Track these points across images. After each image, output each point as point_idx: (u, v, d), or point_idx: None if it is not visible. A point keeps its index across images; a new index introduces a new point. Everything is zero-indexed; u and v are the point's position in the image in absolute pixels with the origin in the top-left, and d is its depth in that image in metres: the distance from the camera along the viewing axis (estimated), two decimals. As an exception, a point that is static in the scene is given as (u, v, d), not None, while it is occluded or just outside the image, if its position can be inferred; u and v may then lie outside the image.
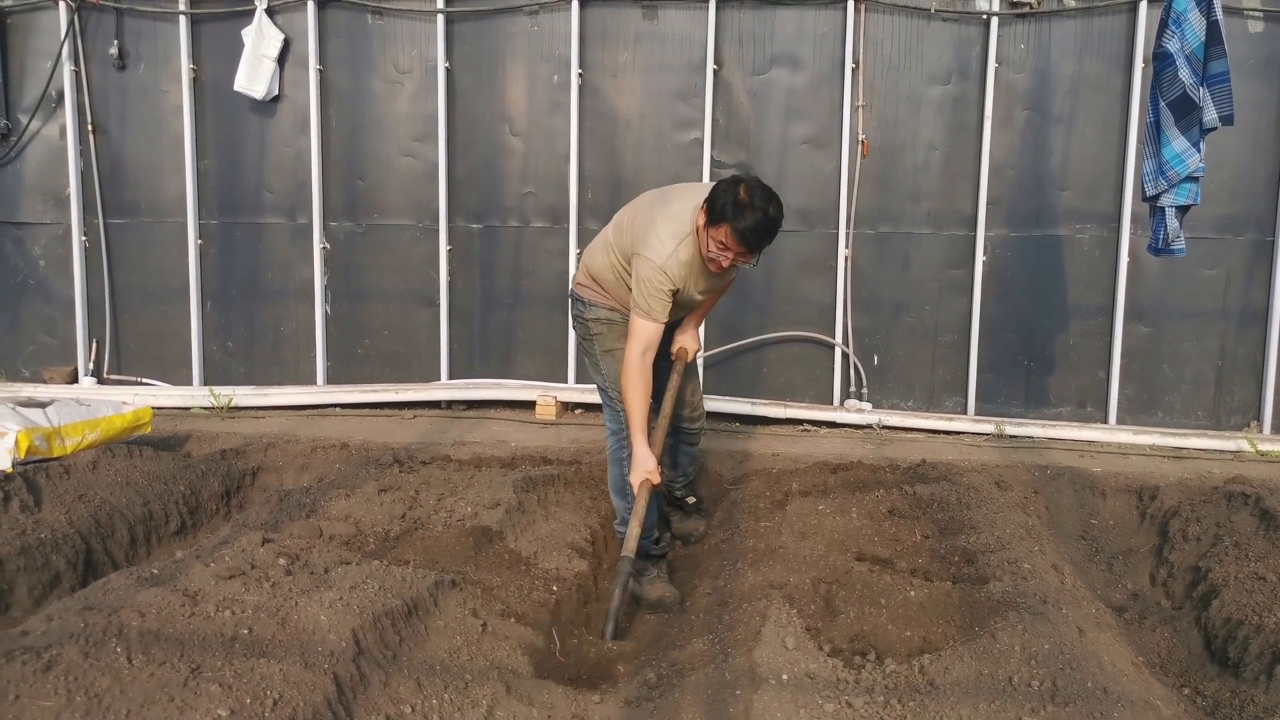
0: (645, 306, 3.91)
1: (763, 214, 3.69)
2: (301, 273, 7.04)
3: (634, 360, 3.95)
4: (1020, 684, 2.71)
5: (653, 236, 3.92)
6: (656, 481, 4.05)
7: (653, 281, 3.87)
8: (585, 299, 4.29)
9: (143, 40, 6.98)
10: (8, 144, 7.13)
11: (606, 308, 4.25)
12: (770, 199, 3.73)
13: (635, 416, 3.97)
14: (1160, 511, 4.92)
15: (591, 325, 4.29)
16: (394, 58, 6.83)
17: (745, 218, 3.67)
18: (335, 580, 3.36)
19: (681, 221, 3.92)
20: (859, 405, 6.60)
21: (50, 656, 2.65)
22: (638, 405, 3.96)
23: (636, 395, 3.95)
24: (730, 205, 3.69)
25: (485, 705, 3.01)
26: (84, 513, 4.47)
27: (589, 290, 4.29)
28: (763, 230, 3.72)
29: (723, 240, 3.75)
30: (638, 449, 4.01)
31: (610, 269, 4.17)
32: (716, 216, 3.73)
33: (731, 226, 3.69)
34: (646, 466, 4.00)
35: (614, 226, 4.23)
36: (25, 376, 7.33)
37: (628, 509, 4.26)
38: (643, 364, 3.96)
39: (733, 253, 3.78)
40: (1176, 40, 4.81)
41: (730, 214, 3.69)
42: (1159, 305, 6.42)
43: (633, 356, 3.95)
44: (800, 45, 6.52)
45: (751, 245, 3.75)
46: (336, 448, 5.74)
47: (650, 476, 4.01)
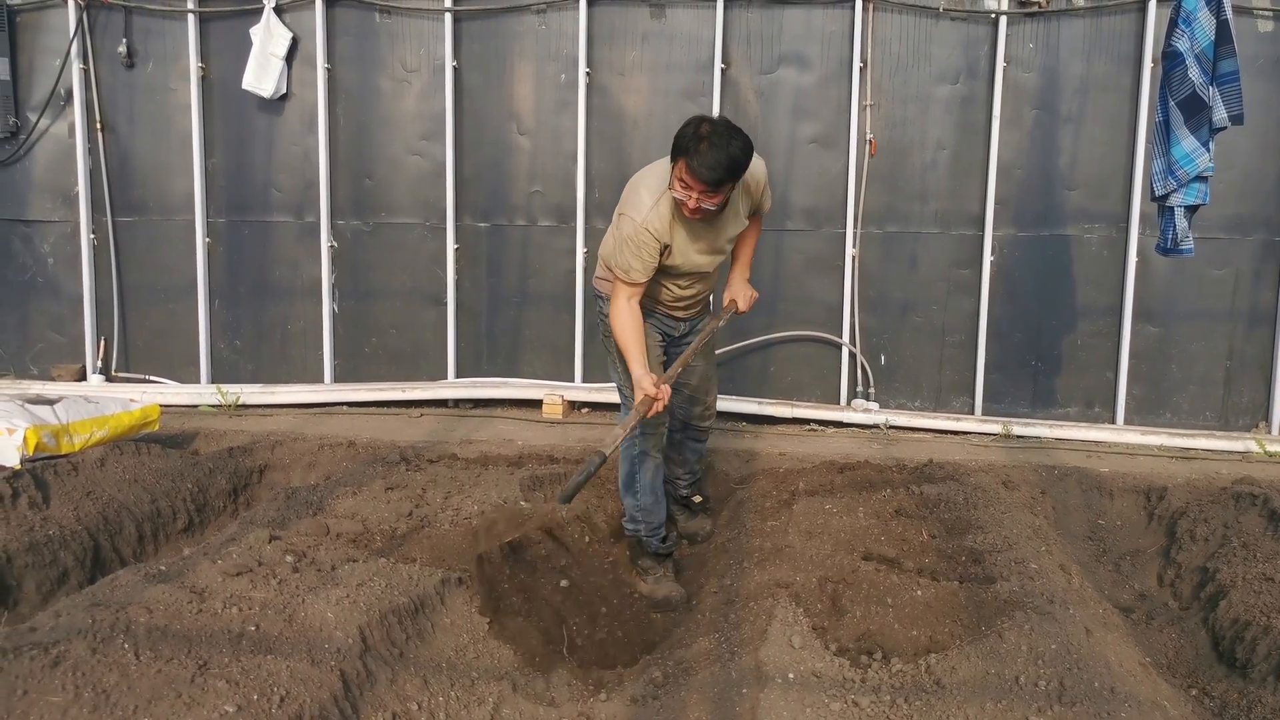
0: (624, 265, 3.88)
1: (720, 150, 3.58)
2: (309, 271, 7.05)
3: (619, 304, 3.93)
4: (1027, 684, 2.70)
5: (634, 195, 3.91)
6: (659, 397, 3.86)
7: (635, 240, 3.83)
8: (604, 294, 4.26)
9: (151, 39, 6.99)
10: (16, 142, 7.14)
11: None
12: (734, 134, 3.64)
13: (630, 346, 3.90)
14: (1168, 512, 4.91)
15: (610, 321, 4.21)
16: (402, 56, 6.83)
17: (701, 151, 3.58)
18: (342, 578, 3.37)
19: (661, 178, 3.87)
20: (866, 405, 6.59)
21: (58, 652, 2.66)
22: (630, 336, 3.90)
23: (628, 331, 3.90)
24: (690, 139, 3.61)
25: (491, 703, 3.03)
26: (92, 510, 4.48)
27: (606, 283, 4.23)
28: (719, 165, 3.59)
29: (683, 178, 3.66)
30: (636, 373, 3.88)
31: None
32: (677, 152, 3.67)
33: (687, 162, 3.61)
34: (644, 386, 3.86)
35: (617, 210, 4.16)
36: (34, 374, 7.34)
37: (637, 507, 4.30)
38: (630, 306, 3.94)
39: (695, 191, 3.67)
40: (1186, 39, 4.80)
41: (688, 148, 3.60)
42: (1167, 306, 6.40)
43: (618, 302, 3.94)
44: (808, 44, 6.51)
45: (707, 181, 3.62)
46: (344, 446, 5.75)
47: (651, 393, 3.84)
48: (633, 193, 3.94)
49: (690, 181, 3.64)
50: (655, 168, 3.97)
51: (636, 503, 4.33)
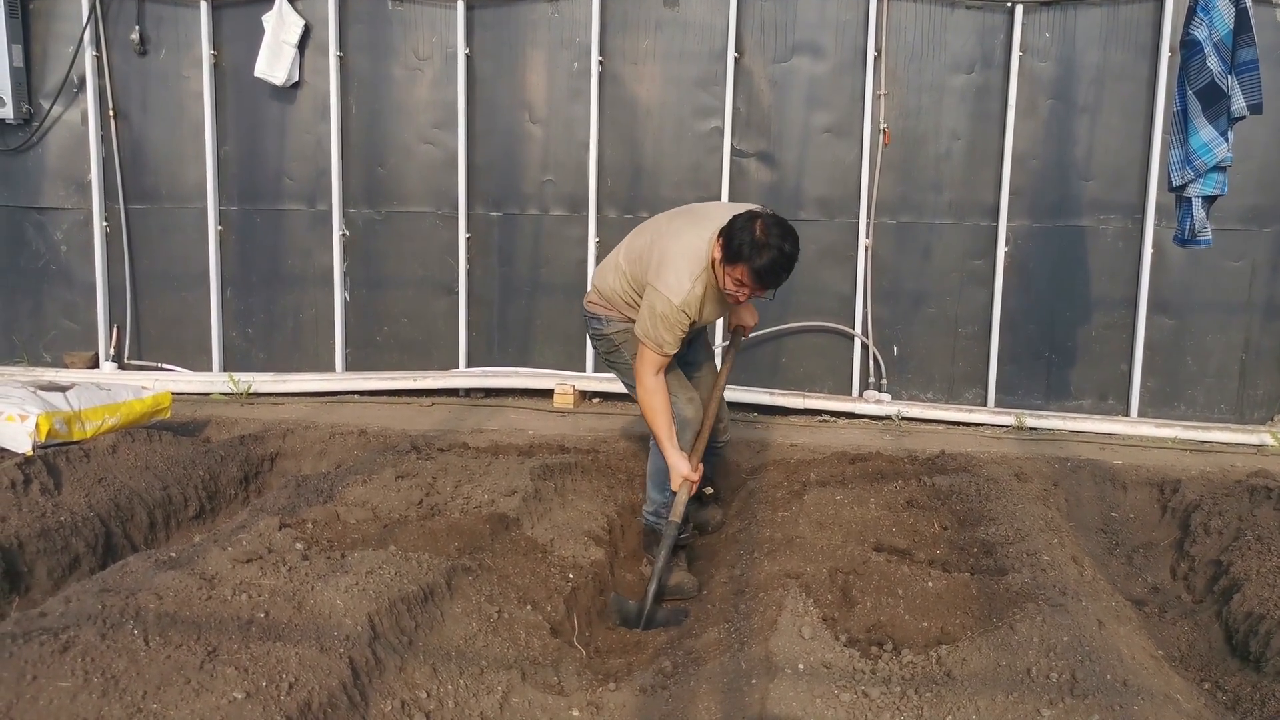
0: (656, 339, 3.96)
1: (779, 252, 3.72)
2: (321, 260, 7.05)
3: (649, 381, 4.04)
4: (1039, 676, 2.69)
5: (669, 272, 3.94)
6: (695, 481, 4.16)
7: (670, 319, 3.92)
8: (601, 315, 4.36)
9: (164, 26, 6.99)
10: (30, 129, 7.16)
11: (624, 321, 4.30)
12: (786, 235, 3.76)
13: (661, 431, 4.08)
14: (1182, 505, 4.88)
15: (614, 337, 4.35)
16: (414, 44, 6.81)
17: (762, 257, 3.71)
18: (352, 565, 3.36)
19: (698, 255, 3.94)
20: (878, 396, 6.57)
21: (68, 638, 2.66)
22: (662, 421, 4.07)
23: (658, 412, 4.06)
24: (748, 245, 3.72)
25: (500, 691, 3.01)
26: (103, 496, 4.49)
27: (602, 308, 4.35)
28: (780, 268, 3.76)
29: (740, 278, 3.80)
30: (672, 459, 4.11)
31: (622, 295, 4.24)
32: (734, 255, 3.76)
33: (749, 266, 3.74)
34: (682, 472, 4.12)
35: (626, 252, 4.26)
36: (47, 361, 7.37)
37: (664, 504, 4.35)
38: (657, 380, 4.06)
39: (749, 289, 3.85)
40: (1205, 28, 4.75)
41: (747, 253, 3.72)
42: (1183, 297, 6.36)
43: (646, 379, 4.04)
44: (822, 33, 6.47)
45: (769, 283, 3.81)
46: (355, 434, 5.75)
47: (690, 479, 4.13)
48: (666, 267, 3.96)
49: (747, 281, 3.81)
50: (688, 237, 4.01)
51: (663, 499, 4.35)
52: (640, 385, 4.07)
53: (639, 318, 4.03)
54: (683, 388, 4.30)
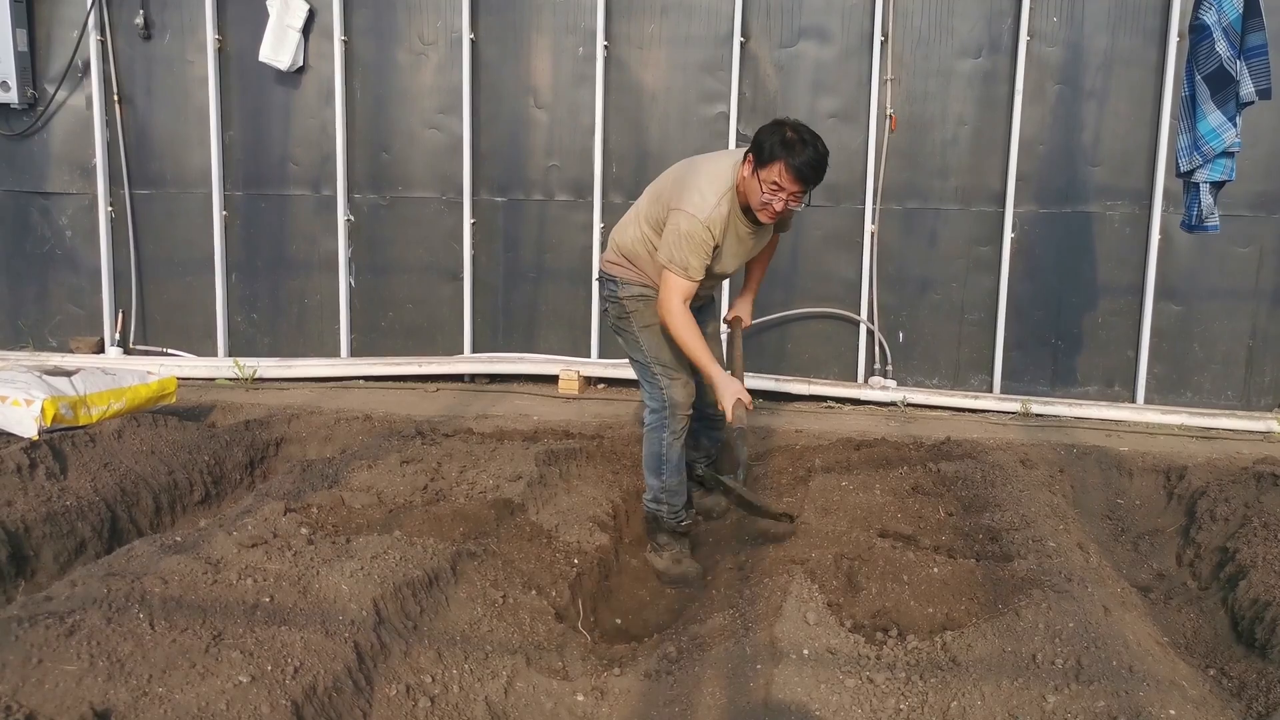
0: (683, 262, 3.86)
1: (814, 149, 3.70)
2: (326, 245, 7.04)
3: (675, 308, 3.91)
4: (1044, 662, 2.68)
5: (693, 192, 3.89)
6: (749, 403, 4.00)
7: (695, 236, 3.84)
8: (617, 277, 4.25)
9: (168, 10, 6.96)
10: (35, 114, 7.14)
11: (640, 284, 4.20)
12: (816, 137, 3.74)
13: (697, 351, 3.93)
14: (1188, 491, 4.88)
15: (627, 303, 4.24)
16: (419, 29, 6.79)
17: (798, 153, 3.67)
18: (357, 550, 3.37)
19: (724, 177, 3.90)
20: (883, 382, 6.55)
21: (73, 621, 2.67)
22: (696, 343, 3.92)
23: (690, 335, 3.91)
24: (780, 144, 3.68)
25: (505, 676, 3.02)
26: (109, 481, 4.50)
27: (620, 268, 4.24)
28: (816, 163, 3.72)
29: (776, 181, 3.72)
30: (716, 378, 3.97)
31: (643, 243, 4.13)
32: (767, 156, 3.71)
33: (786, 162, 3.67)
34: (734, 390, 3.97)
35: (648, 197, 4.19)
36: (53, 346, 7.37)
37: (663, 489, 4.30)
38: (684, 308, 3.93)
39: (786, 192, 3.74)
40: (1214, 12, 4.72)
41: (782, 151, 3.67)
42: (1190, 284, 6.33)
43: (673, 306, 3.91)
44: (829, 18, 6.44)
45: (807, 179, 3.73)
46: (359, 419, 5.75)
47: (740, 396, 3.96)
48: (690, 189, 3.92)
49: (787, 184, 3.71)
50: (713, 165, 3.99)
51: (662, 484, 4.30)
52: (668, 315, 3.93)
53: (662, 244, 3.95)
54: (680, 367, 4.21)
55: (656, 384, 4.23)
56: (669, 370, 4.18)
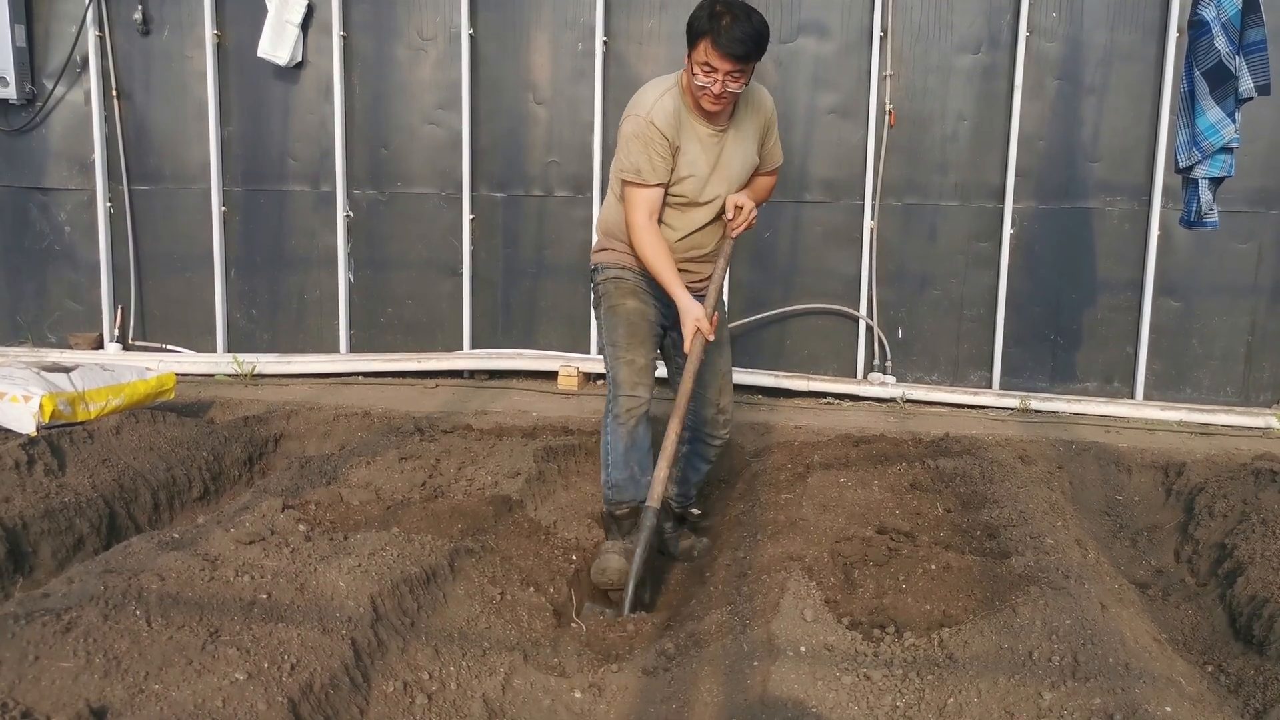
0: (633, 166, 3.66)
1: (746, 21, 3.45)
2: (325, 241, 7.04)
3: (640, 222, 3.70)
4: (1040, 659, 2.68)
5: (636, 97, 3.75)
6: (708, 333, 3.74)
7: (641, 134, 3.63)
8: (600, 263, 4.06)
9: (167, 5, 6.95)
10: (33, 109, 7.14)
11: (618, 267, 3.97)
12: (750, 11, 3.50)
13: (662, 268, 3.70)
14: (1186, 488, 4.88)
15: (601, 286, 4.02)
16: (418, 24, 6.78)
17: (725, 27, 3.43)
18: (354, 547, 3.37)
19: (667, 78, 3.75)
20: (883, 379, 6.55)
21: (70, 618, 2.67)
22: (660, 256, 3.70)
23: (656, 250, 3.70)
24: (705, 18, 3.47)
25: (503, 673, 3.02)
26: (107, 477, 4.49)
27: (604, 252, 4.04)
28: (746, 37, 3.44)
29: (706, 61, 3.48)
30: (680, 299, 3.73)
31: (614, 204, 3.95)
32: (695, 34, 3.50)
33: (712, 39, 3.44)
34: (694, 313, 3.72)
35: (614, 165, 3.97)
36: (51, 342, 7.37)
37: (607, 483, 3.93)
38: (650, 224, 3.72)
39: (719, 72, 3.48)
40: (1213, 8, 4.71)
41: (706, 24, 3.46)
42: (1189, 280, 6.33)
43: (638, 220, 3.70)
44: (828, 13, 6.43)
45: (736, 54, 3.45)
46: (359, 416, 5.75)
47: (699, 324, 3.72)
48: (635, 99, 3.76)
49: (716, 61, 3.47)
50: (656, 79, 3.82)
51: (607, 478, 3.94)
52: (632, 231, 3.73)
53: (614, 159, 3.78)
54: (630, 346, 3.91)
55: (606, 364, 3.99)
56: (616, 349, 3.92)
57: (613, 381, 3.91)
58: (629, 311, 3.92)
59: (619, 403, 3.87)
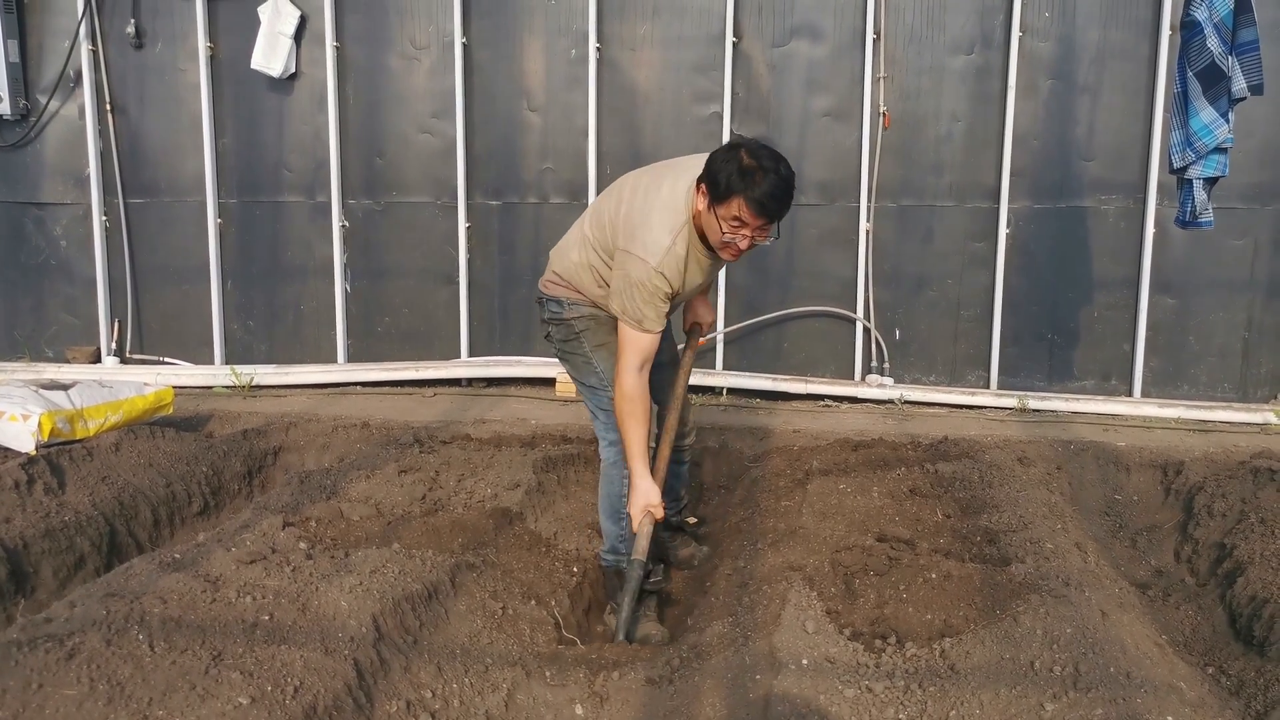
0: (637, 315, 3.43)
1: (775, 175, 3.22)
2: (321, 251, 7.04)
3: (630, 379, 3.48)
4: (1042, 669, 2.69)
5: (643, 230, 3.43)
6: (659, 516, 3.61)
7: (647, 287, 3.39)
8: (561, 298, 3.76)
9: (159, 18, 6.96)
10: (27, 124, 7.14)
11: (589, 304, 3.74)
12: (778, 159, 3.27)
13: (635, 445, 3.52)
14: (1185, 487, 4.88)
15: (575, 323, 3.76)
16: (411, 33, 6.78)
17: (758, 184, 3.20)
18: (356, 565, 3.37)
19: (676, 210, 3.44)
20: (880, 380, 6.56)
21: (73, 645, 2.67)
22: (637, 433, 3.50)
23: (636, 421, 3.49)
24: (736, 175, 3.21)
25: (505, 688, 3.03)
26: (107, 495, 4.50)
27: (563, 289, 3.76)
28: (780, 193, 3.24)
29: (736, 216, 3.26)
30: (638, 480, 3.56)
31: (588, 269, 3.67)
32: (723, 192, 3.24)
33: (745, 197, 3.21)
34: (650, 500, 3.57)
35: (592, 219, 3.69)
36: (49, 356, 7.37)
37: (620, 536, 3.83)
38: (640, 381, 3.49)
39: (750, 228, 3.29)
40: (1204, 8, 4.72)
41: (739, 185, 3.21)
42: (1185, 277, 6.34)
43: (628, 374, 3.47)
44: (821, 16, 6.43)
45: (770, 214, 3.27)
46: (357, 427, 5.75)
47: (654, 510, 3.58)
48: (640, 224, 3.46)
49: (746, 217, 3.27)
50: (663, 191, 3.50)
51: (620, 531, 3.81)
52: (618, 384, 3.50)
53: (613, 292, 3.49)
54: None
55: (609, 410, 3.69)
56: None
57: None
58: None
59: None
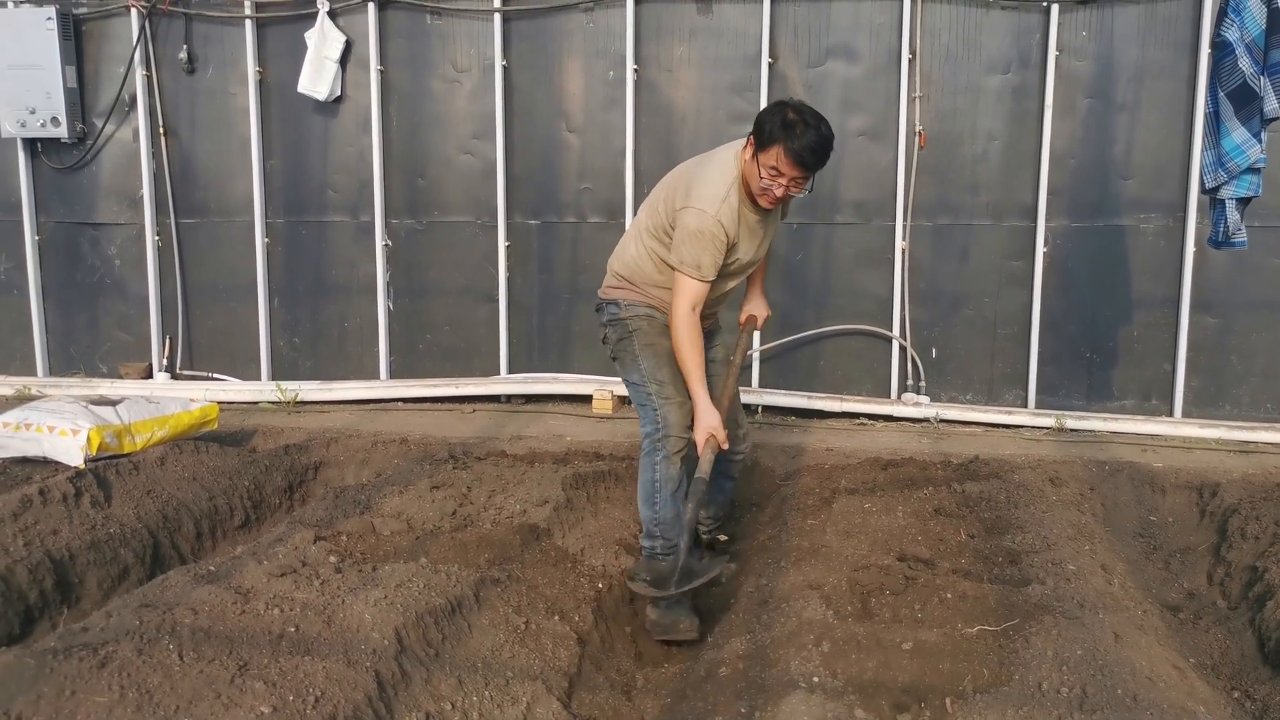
0: (694, 261, 3.74)
1: (815, 130, 3.56)
2: (364, 269, 7.18)
3: (683, 314, 3.79)
4: (1050, 690, 2.70)
5: (700, 187, 3.77)
6: (721, 441, 3.84)
7: (706, 232, 3.71)
8: (620, 300, 4.09)
9: (210, 44, 7.15)
10: (84, 148, 7.36)
11: (644, 305, 4.05)
12: (820, 119, 3.61)
13: (693, 368, 3.82)
14: (1220, 509, 4.84)
15: (630, 322, 4.05)
16: (452, 57, 6.91)
17: (798, 135, 3.53)
18: (382, 578, 3.45)
19: (728, 167, 3.79)
20: (916, 399, 6.55)
21: (106, 653, 2.77)
22: (695, 359, 3.81)
23: (692, 346, 3.81)
24: (780, 125, 3.55)
25: (525, 702, 3.08)
26: (151, 508, 4.63)
27: (622, 291, 4.09)
28: (817, 147, 3.58)
29: (774, 165, 3.59)
30: (700, 405, 3.84)
31: (648, 258, 3.98)
32: (766, 139, 3.58)
33: (785, 146, 3.55)
34: (709, 423, 3.82)
35: (646, 210, 4.04)
36: (103, 372, 7.58)
37: (655, 521, 3.99)
38: (693, 317, 3.80)
39: (786, 178, 3.62)
40: (1236, 29, 4.69)
41: (781, 134, 3.54)
42: (1226, 296, 6.27)
43: (682, 311, 3.79)
44: (856, 36, 6.47)
45: (807, 164, 3.59)
46: (396, 443, 5.86)
47: (714, 433, 3.82)
48: (697, 184, 3.79)
49: (785, 168, 3.59)
50: (714, 160, 3.86)
51: (655, 515, 3.99)
52: (675, 320, 3.81)
53: (674, 246, 3.80)
54: (678, 387, 3.97)
55: (651, 404, 4.01)
56: (664, 389, 3.98)
57: (663, 421, 3.96)
58: (667, 351, 3.97)
59: (670, 443, 3.94)
